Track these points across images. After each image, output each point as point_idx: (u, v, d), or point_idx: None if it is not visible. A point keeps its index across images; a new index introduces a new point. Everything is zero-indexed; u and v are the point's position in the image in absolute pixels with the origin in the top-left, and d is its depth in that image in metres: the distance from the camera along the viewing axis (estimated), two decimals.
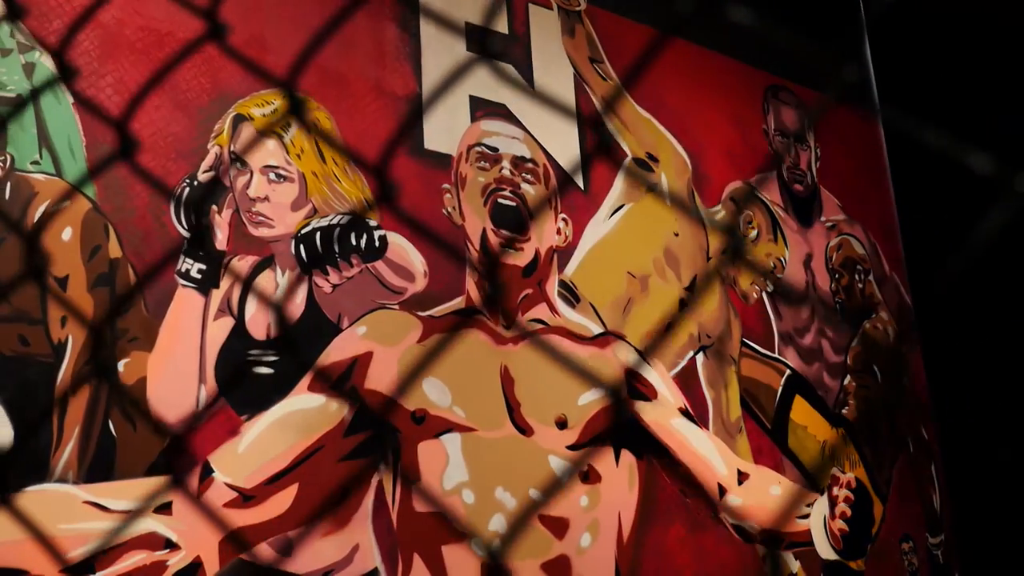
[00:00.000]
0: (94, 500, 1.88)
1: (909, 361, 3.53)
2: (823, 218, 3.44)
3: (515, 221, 2.57)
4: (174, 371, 2.04)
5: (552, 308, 2.61)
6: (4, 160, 1.94)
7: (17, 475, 1.82)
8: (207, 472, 2.01)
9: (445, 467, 2.30)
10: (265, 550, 2.03)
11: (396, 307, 2.36)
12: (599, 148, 2.74)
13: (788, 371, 3.10)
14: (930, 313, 3.53)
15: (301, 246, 2.23)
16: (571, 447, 2.50)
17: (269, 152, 2.25)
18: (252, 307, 2.17)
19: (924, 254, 3.57)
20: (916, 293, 3.59)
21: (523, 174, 2.63)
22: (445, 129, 2.57)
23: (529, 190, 2.63)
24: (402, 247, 2.40)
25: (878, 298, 3.47)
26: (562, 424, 2.50)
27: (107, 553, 1.86)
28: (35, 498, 1.83)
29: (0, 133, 1.90)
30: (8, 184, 1.94)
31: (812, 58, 3.38)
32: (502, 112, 2.69)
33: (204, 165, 2.17)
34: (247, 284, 2.18)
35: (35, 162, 1.98)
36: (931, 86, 3.44)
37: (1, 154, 1.94)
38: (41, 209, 1.95)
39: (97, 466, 1.90)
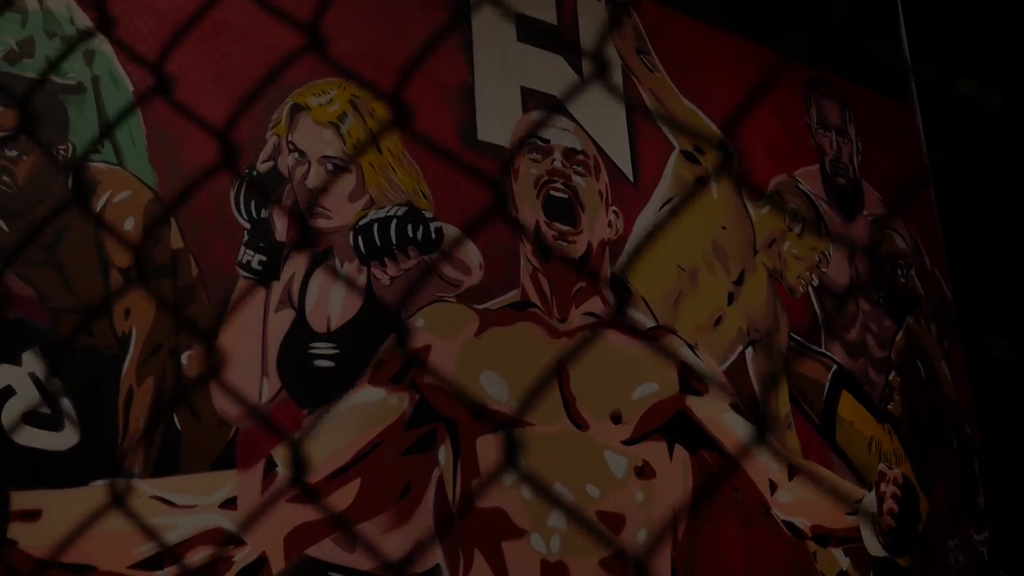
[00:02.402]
0: (160, 495, 1.85)
1: (951, 356, 3.50)
2: (865, 212, 3.41)
3: (567, 213, 2.54)
4: (236, 364, 2.01)
5: (605, 301, 2.58)
6: (66, 149, 1.91)
7: (84, 469, 1.78)
8: (271, 467, 1.98)
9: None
10: (329, 545, 2.00)
11: (453, 300, 2.33)
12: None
13: (835, 366, 3.07)
14: (971, 308, 3.50)
15: (359, 238, 2.20)
16: (626, 442, 2.47)
17: (326, 143, 2.21)
18: (312, 299, 2.14)
19: (965, 249, 3.55)
20: (957, 288, 3.56)
21: (574, 166, 2.60)
22: (497, 120, 2.54)
23: (580, 182, 2.60)
24: (457, 240, 2.36)
25: (920, 293, 3.45)
26: (617, 418, 2.47)
27: (174, 548, 1.83)
28: (102, 493, 1.80)
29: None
30: (70, 173, 1.90)
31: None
32: (553, 103, 2.66)
33: (263, 155, 2.14)
34: (307, 276, 2.14)
35: (96, 151, 1.95)
36: (970, 75, 3.41)
37: (63, 143, 1.90)
38: (103, 198, 1.92)
39: (163, 460, 1.87)
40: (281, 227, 2.12)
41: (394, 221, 2.22)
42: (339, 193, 2.21)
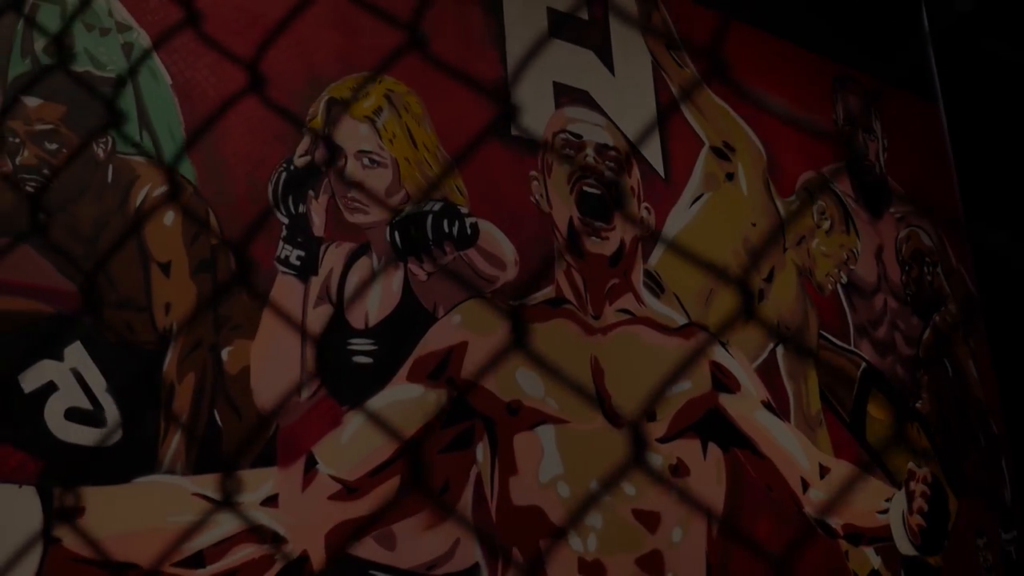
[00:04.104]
0: (202, 492, 1.82)
1: (977, 354, 3.48)
2: (892, 209, 3.39)
3: (600, 209, 2.52)
4: (276, 360, 1.99)
5: (638, 298, 2.56)
6: (105, 143, 1.89)
7: (126, 466, 1.76)
8: (311, 464, 1.96)
9: (541, 459, 2.25)
10: (370, 543, 1.98)
11: (488, 296, 2.31)
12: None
13: (864, 364, 3.05)
14: (997, 305, 3.48)
15: (396, 233, 2.18)
16: (660, 440, 2.45)
17: (362, 137, 2.20)
18: (350, 295, 2.11)
19: (989, 246, 3.53)
20: (982, 285, 3.54)
21: (606, 162, 2.58)
22: (530, 115, 2.52)
23: (613, 178, 2.58)
24: (493, 235, 2.34)
25: (946, 290, 3.43)
26: (651, 416, 2.44)
27: (216, 546, 1.81)
28: (144, 490, 1.78)
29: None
30: (110, 167, 1.88)
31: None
32: (585, 98, 2.64)
33: (300, 150, 2.12)
34: (345, 271, 2.12)
35: (136, 144, 1.93)
36: (995, 73, 3.39)
37: (102, 136, 1.88)
38: (143, 193, 1.90)
39: (204, 457, 1.84)
40: (319, 222, 2.10)
41: (430, 216, 2.20)
42: (376, 188, 2.18)
